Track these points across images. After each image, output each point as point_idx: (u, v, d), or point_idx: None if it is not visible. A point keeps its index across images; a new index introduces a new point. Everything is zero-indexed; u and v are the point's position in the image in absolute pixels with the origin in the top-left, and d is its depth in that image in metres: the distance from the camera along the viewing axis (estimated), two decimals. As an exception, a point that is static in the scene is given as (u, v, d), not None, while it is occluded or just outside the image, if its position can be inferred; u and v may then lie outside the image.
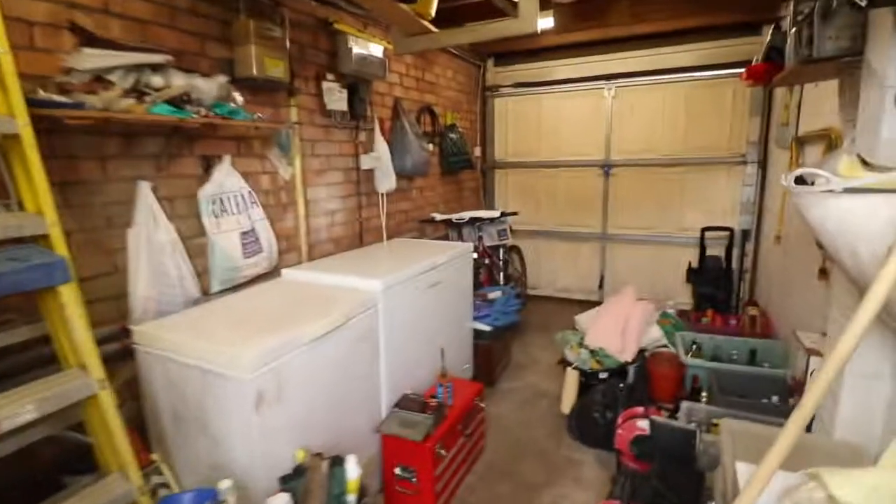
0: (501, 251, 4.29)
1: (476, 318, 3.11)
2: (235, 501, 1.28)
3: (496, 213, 3.81)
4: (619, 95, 4.42)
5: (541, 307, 4.69)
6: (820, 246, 2.29)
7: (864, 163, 1.30)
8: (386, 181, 3.19)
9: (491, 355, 3.10)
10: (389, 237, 3.40)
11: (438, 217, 3.79)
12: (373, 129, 3.17)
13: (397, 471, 1.90)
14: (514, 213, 4.20)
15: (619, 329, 2.73)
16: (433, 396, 2.12)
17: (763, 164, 3.95)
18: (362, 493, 1.47)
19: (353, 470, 1.45)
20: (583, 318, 3.12)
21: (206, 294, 1.99)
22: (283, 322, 1.64)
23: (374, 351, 2.00)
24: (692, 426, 2.06)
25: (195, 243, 1.98)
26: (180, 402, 1.54)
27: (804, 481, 0.96)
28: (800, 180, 1.44)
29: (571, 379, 2.61)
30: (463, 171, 4.46)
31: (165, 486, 1.56)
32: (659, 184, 4.40)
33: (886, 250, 1.15)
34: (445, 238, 4.12)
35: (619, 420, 2.29)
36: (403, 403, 2.02)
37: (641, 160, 4.41)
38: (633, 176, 4.48)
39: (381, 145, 3.18)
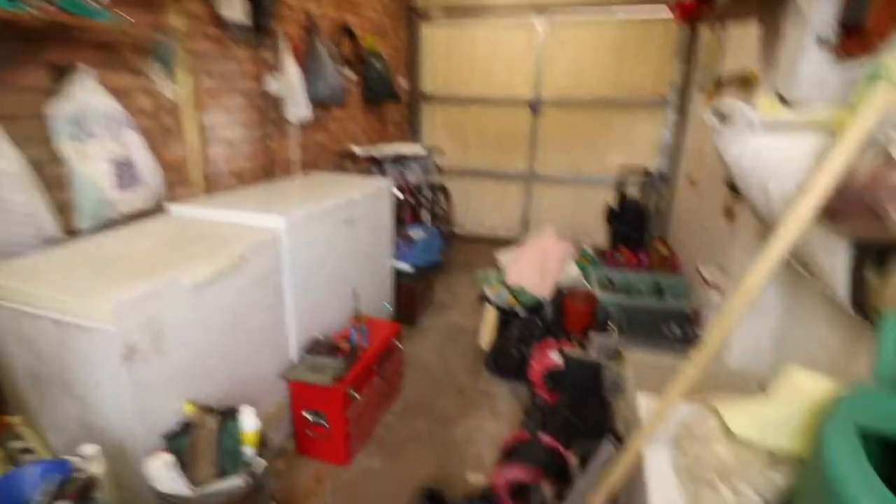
0: (427, 189, 4.15)
1: (398, 258, 3.00)
2: (104, 467, 1.13)
3: (422, 150, 3.63)
4: (551, 31, 4.25)
5: (466, 246, 4.68)
6: (730, 187, 2.37)
7: (782, 101, 1.27)
8: (297, 109, 2.88)
9: (413, 295, 3.04)
10: (304, 172, 3.13)
11: (359, 151, 3.54)
12: (280, 48, 2.80)
13: (307, 415, 1.82)
14: (441, 151, 4.03)
15: (538, 267, 2.75)
16: (347, 339, 2.03)
17: (683, 109, 4.03)
18: (263, 444, 1.37)
19: (249, 421, 1.34)
20: (504, 256, 3.11)
21: (71, 233, 1.70)
22: (161, 265, 1.42)
23: (277, 294, 1.84)
24: (600, 359, 2.14)
25: (53, 173, 1.65)
26: (36, 360, 1.32)
27: (702, 415, 0.97)
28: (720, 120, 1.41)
29: (490, 316, 2.62)
30: (387, 102, 4.17)
31: (29, 451, 1.36)
32: (585, 124, 4.39)
33: (796, 188, 1.15)
34: (368, 174, 3.89)
35: (534, 354, 2.34)
36: (313, 348, 1.90)
37: (570, 99, 4.35)
38: (561, 115, 4.43)
39: (290, 67, 2.83)
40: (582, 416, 2.00)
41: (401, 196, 3.50)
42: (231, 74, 2.53)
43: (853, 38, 1.34)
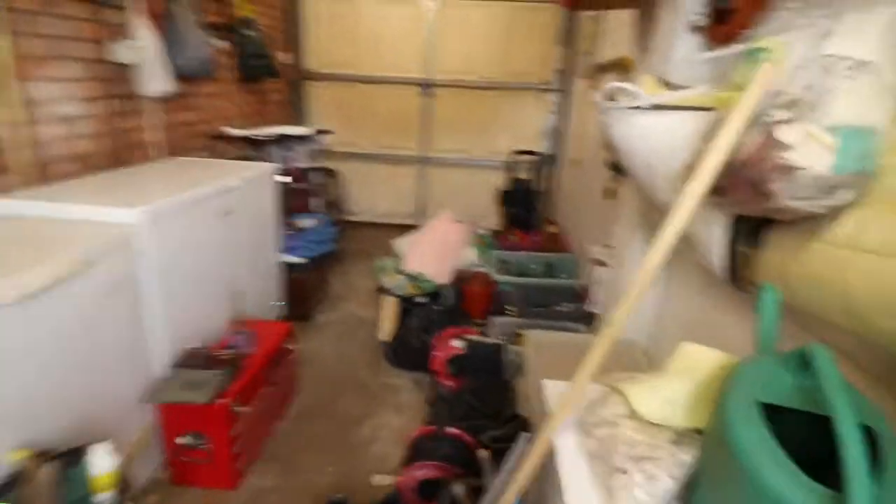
0: (315, 174, 3.89)
1: (287, 250, 2.76)
2: None
3: (309, 131, 3.36)
4: (440, 9, 4.17)
5: (360, 233, 4.50)
6: (611, 168, 2.50)
7: (663, 84, 1.32)
8: (154, 82, 2.47)
9: (305, 289, 2.83)
10: (170, 155, 2.73)
11: (234, 132, 3.18)
12: (129, 8, 2.37)
13: (182, 440, 1.58)
14: (329, 132, 3.78)
15: (436, 253, 2.69)
16: (229, 346, 1.79)
17: (566, 93, 4.21)
18: (123, 485, 1.14)
19: (102, 462, 1.10)
20: (401, 243, 3.01)
21: None
22: (-37, 275, 1.10)
23: (135, 303, 1.55)
24: (500, 340, 2.15)
25: None
26: None
27: (608, 397, 0.96)
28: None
29: (389, 306, 2.52)
30: (266, 79, 3.80)
31: None
32: (476, 107, 4.41)
33: (681, 166, 1.19)
34: (247, 159, 3.53)
35: (435, 342, 2.29)
36: (186, 361, 1.65)
37: (461, 81, 4.33)
38: (453, 97, 4.40)
39: (143, 31, 2.41)
40: (485, 400, 2.00)
41: (287, 182, 3.22)
42: (64, 37, 2.08)
43: (721, 24, 1.43)
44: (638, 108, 1.25)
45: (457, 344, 2.18)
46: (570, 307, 2.61)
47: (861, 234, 0.76)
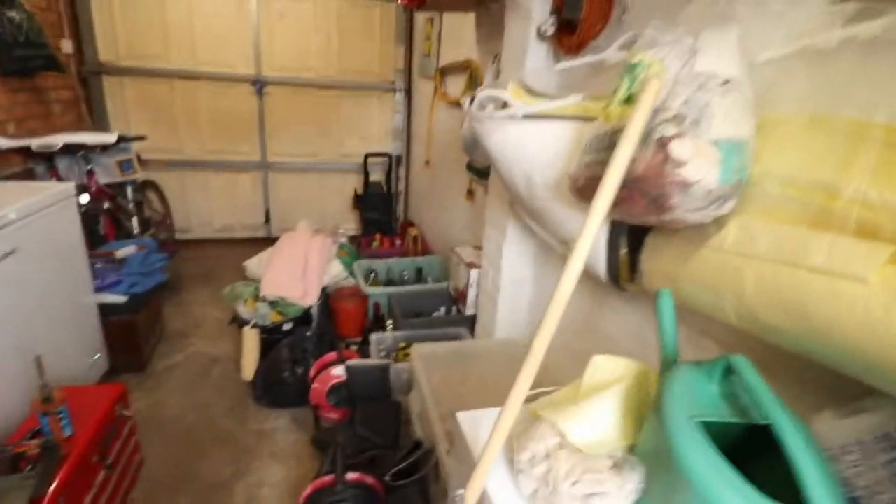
0: (130, 189, 3.24)
1: (101, 289, 2.22)
2: None
3: (111, 138, 2.75)
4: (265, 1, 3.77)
5: (198, 253, 3.91)
6: (471, 169, 2.53)
7: (529, 91, 1.32)
8: None
9: (134, 332, 2.32)
10: None
11: (4, 143, 2.45)
12: None
13: (-26, 585, 1.13)
14: (141, 138, 3.16)
15: (298, 271, 2.44)
16: (35, 433, 1.35)
17: (409, 92, 4.18)
18: None
19: None
20: (254, 264, 2.67)
21: None
22: None
23: None
24: (384, 361, 2.02)
25: None
26: None
27: (531, 426, 0.92)
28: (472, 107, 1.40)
29: (251, 340, 2.20)
30: (43, 73, 3.02)
31: None
32: (317, 107, 4.13)
33: (562, 175, 1.19)
34: (29, 176, 2.76)
35: (312, 372, 2.07)
36: (-33, 471, 1.18)
37: (296, 79, 4.00)
38: (289, 97, 4.05)
39: None
40: (376, 428, 1.86)
41: (86, 203, 2.60)
42: None
43: (570, 34, 1.49)
44: (512, 117, 1.23)
45: (336, 371, 1.99)
46: (444, 310, 2.59)
47: (747, 240, 0.82)
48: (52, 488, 1.23)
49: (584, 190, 1.02)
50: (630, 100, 0.90)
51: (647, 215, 0.89)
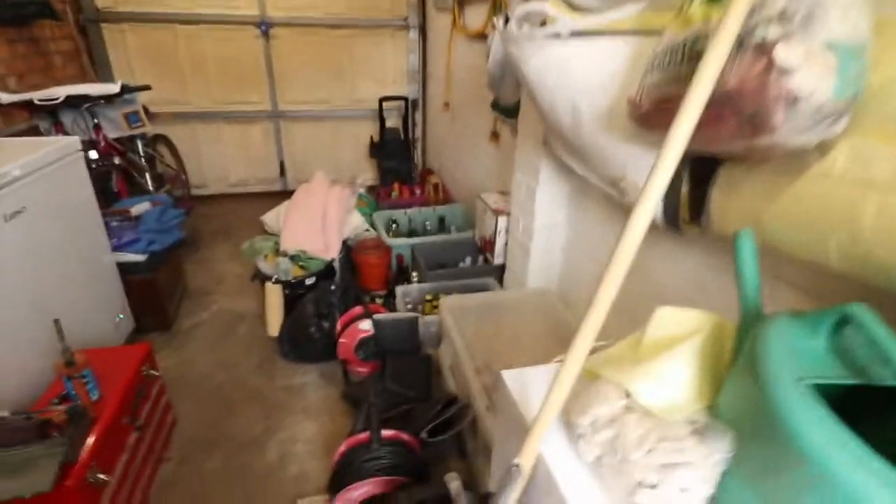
0: (140, 144, 3.13)
1: (119, 248, 2.16)
2: None
3: (114, 88, 2.61)
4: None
5: (215, 209, 3.84)
6: (496, 108, 2.34)
7: (572, 6, 1.13)
8: None
9: (156, 291, 2.27)
10: None
11: (4, 98, 2.33)
12: None
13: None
14: (146, 88, 3.01)
15: (318, 224, 2.33)
16: (63, 398, 1.32)
17: (423, 29, 3.90)
18: None
19: None
20: (271, 218, 2.58)
21: None
22: None
23: None
24: (412, 314, 1.95)
25: None
26: None
27: (592, 388, 0.82)
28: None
29: (274, 295, 2.13)
30: (39, 21, 2.86)
31: None
32: (326, 49, 3.89)
33: (620, 103, 1.03)
34: (34, 133, 2.67)
35: (339, 327, 2.01)
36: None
37: (303, 19, 3.74)
38: (298, 39, 3.81)
39: None
40: (407, 382, 1.81)
41: (94, 158, 2.51)
42: None
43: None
44: (557, 35, 1.06)
45: (363, 326, 1.93)
46: (471, 261, 2.48)
47: (862, 166, 0.67)
48: (83, 453, 1.21)
49: (650, 116, 0.87)
50: (716, -2, 0.73)
51: (736, 140, 0.74)
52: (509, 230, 2.13)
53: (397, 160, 3.74)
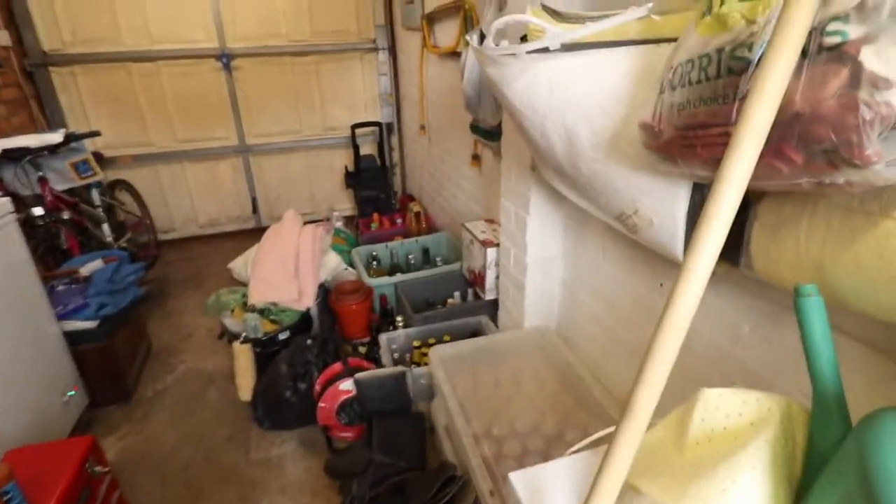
0: (96, 192, 2.89)
1: (65, 316, 1.92)
2: None
3: (56, 137, 2.38)
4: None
5: (184, 253, 3.60)
6: (475, 130, 2.16)
7: (556, 15, 0.95)
8: None
9: (112, 359, 2.03)
10: None
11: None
12: None
13: None
14: (94, 134, 2.80)
15: (290, 270, 2.12)
16: (-28, 524, 1.07)
17: (393, 50, 3.74)
18: None
19: None
20: (240, 265, 2.35)
21: None
22: None
23: None
24: (399, 368, 1.73)
25: None
26: None
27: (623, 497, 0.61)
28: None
29: (243, 357, 1.90)
30: (-26, 70, 2.64)
31: None
32: (293, 78, 3.71)
33: (616, 126, 0.85)
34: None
35: (317, 388, 1.79)
36: None
37: (266, 48, 3.56)
38: (262, 69, 3.63)
39: None
40: (397, 450, 1.58)
41: (40, 215, 2.27)
42: None
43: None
44: (546, 50, 0.88)
45: (345, 386, 1.71)
46: (459, 296, 2.28)
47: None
48: None
49: (674, 145, 0.68)
50: (758, -11, 0.55)
51: (803, 176, 0.55)
52: (500, 263, 1.93)
53: (375, 189, 3.54)
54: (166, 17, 3.33)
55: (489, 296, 2.05)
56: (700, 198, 0.87)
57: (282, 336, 1.97)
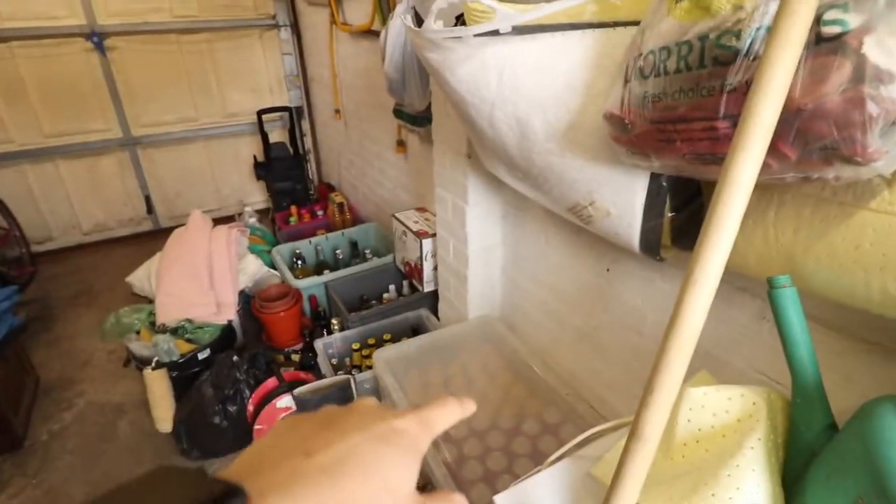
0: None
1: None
2: None
3: None
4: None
5: (68, 265, 3.12)
6: (399, 115, 2.04)
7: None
8: None
9: (-11, 405, 1.70)
10: None
11: None
12: None
13: None
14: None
15: (204, 280, 1.89)
16: None
17: (296, 27, 3.46)
18: None
19: None
20: (141, 278, 2.07)
21: None
22: None
23: None
24: (343, 377, 1.62)
25: None
26: None
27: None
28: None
29: (158, 385, 1.68)
30: None
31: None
32: (183, 59, 3.30)
33: (572, 116, 0.80)
34: None
35: (251, 409, 1.63)
36: None
37: (146, 25, 3.12)
38: (144, 49, 3.18)
39: None
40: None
41: None
42: None
43: None
44: (496, 33, 0.80)
45: (283, 403, 1.56)
46: (395, 290, 2.18)
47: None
48: None
49: (647, 139, 0.64)
50: (744, -29, 0.50)
51: (790, 172, 0.53)
52: (437, 254, 1.86)
53: (290, 179, 3.29)
54: (12, -10, 2.79)
55: (428, 288, 1.98)
56: (656, 186, 0.85)
57: (202, 355, 1.76)
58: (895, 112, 0.43)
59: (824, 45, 0.45)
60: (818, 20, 0.45)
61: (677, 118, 0.58)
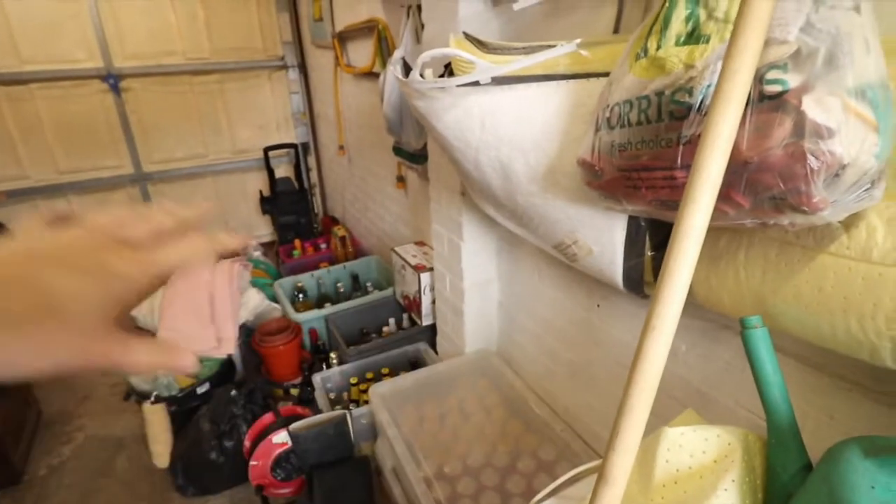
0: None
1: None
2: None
3: None
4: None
5: (76, 299, 3.16)
6: (398, 152, 2.10)
7: (481, 46, 0.92)
8: None
9: (-11, 440, 1.71)
10: None
11: None
12: None
13: None
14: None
15: (205, 315, 1.91)
16: None
17: (304, 68, 3.59)
18: None
19: None
20: (145, 312, 2.09)
21: None
22: None
23: None
24: (339, 413, 1.62)
25: None
26: None
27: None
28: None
29: (156, 419, 1.69)
30: None
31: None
32: (194, 98, 3.43)
33: (551, 161, 0.83)
34: None
35: (247, 444, 1.62)
36: None
37: (160, 67, 3.26)
38: (157, 90, 3.31)
39: None
40: (338, 495, 1.48)
41: None
42: None
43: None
44: (476, 84, 0.84)
45: (278, 439, 1.56)
46: (395, 323, 2.20)
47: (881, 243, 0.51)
48: None
49: (616, 185, 0.67)
50: (695, 36, 0.54)
51: (747, 219, 0.55)
52: (435, 288, 1.89)
53: (294, 213, 3.36)
54: (38, 34, 2.94)
55: (426, 321, 1.99)
56: (636, 226, 0.88)
57: (200, 390, 1.78)
58: (836, 165, 0.46)
59: (767, 102, 0.48)
60: (761, 79, 0.48)
61: (641, 167, 0.61)
